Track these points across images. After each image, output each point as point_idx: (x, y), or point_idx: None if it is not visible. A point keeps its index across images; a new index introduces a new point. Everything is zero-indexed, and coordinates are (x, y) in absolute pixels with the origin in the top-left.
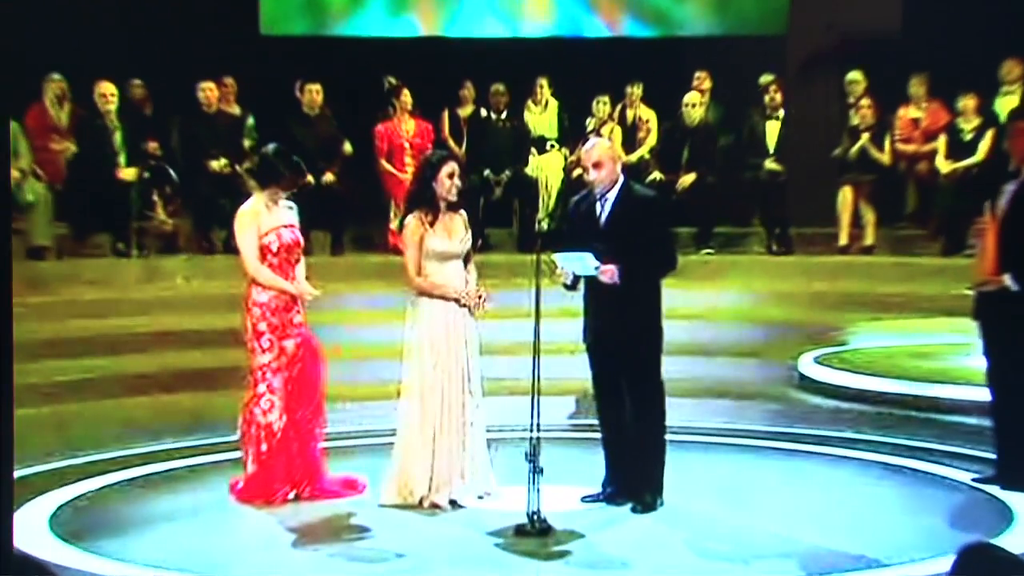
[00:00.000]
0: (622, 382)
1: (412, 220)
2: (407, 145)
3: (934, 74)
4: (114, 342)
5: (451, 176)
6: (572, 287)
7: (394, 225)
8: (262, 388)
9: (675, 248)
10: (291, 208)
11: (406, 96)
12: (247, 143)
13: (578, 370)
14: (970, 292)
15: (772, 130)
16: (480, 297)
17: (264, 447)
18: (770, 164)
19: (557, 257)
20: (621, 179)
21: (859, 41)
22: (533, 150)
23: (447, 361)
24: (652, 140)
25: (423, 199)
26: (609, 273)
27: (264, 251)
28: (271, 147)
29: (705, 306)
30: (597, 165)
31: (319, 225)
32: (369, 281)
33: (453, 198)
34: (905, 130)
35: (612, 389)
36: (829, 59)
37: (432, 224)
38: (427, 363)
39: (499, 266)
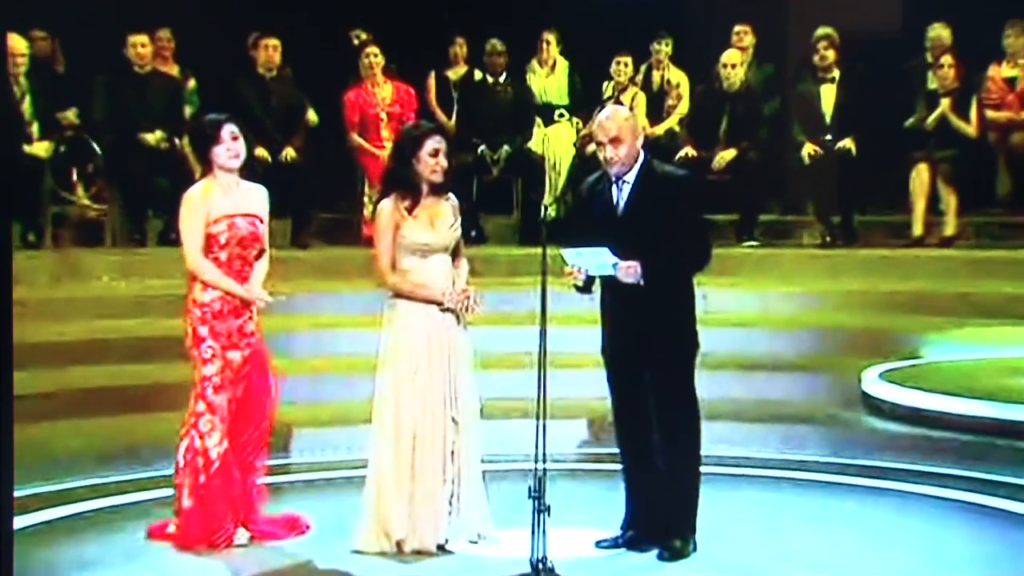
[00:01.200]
0: (648, 402)
1: (387, 204)
2: (383, 115)
3: None
4: (18, 354)
5: (435, 153)
6: (586, 289)
7: (368, 212)
8: (201, 407)
9: (709, 239)
10: (259, 192)
11: (378, 55)
12: (188, 111)
13: (593, 388)
14: None
15: (828, 95)
16: (468, 298)
17: (202, 477)
18: (827, 138)
19: (567, 253)
20: (643, 157)
21: None
22: (538, 121)
23: (427, 377)
24: (683, 108)
25: (401, 180)
26: (630, 270)
27: (211, 242)
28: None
29: (748, 310)
30: (615, 140)
31: (278, 212)
32: (337, 280)
33: (438, 179)
34: (997, 93)
35: (635, 411)
36: (900, 7)
37: (411, 210)
38: (403, 380)
39: (496, 262)
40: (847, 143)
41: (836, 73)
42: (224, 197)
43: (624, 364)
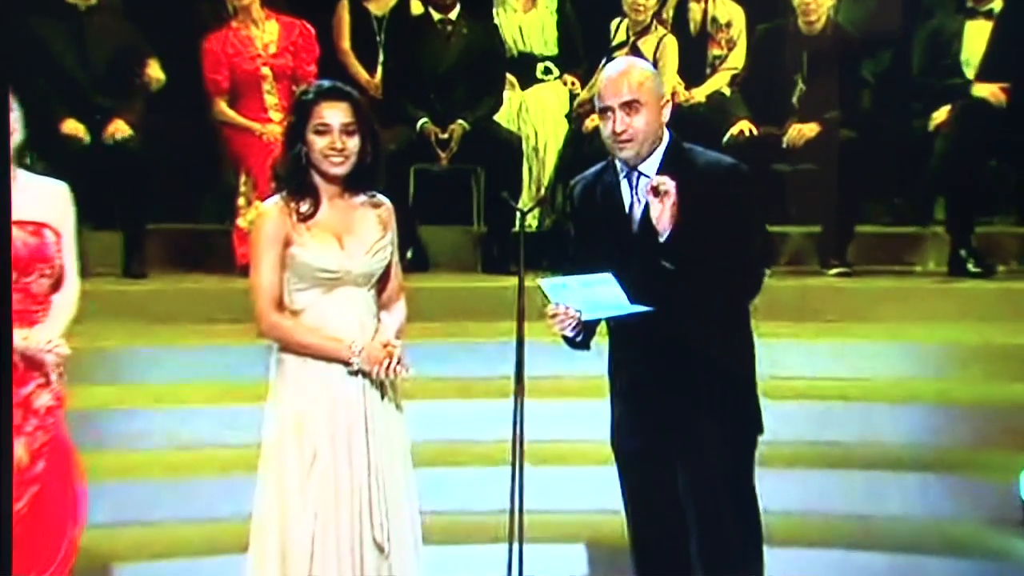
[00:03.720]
0: (682, 519)
1: (271, 209)
2: (266, 71)
3: None
4: None
5: (325, 129)
6: (582, 342)
7: (245, 222)
8: None
9: (764, 258)
10: (46, 189)
11: None
12: None
13: (595, 495)
14: None
15: (976, 35)
16: (392, 356)
17: None
18: (978, 92)
19: (548, 284)
20: (668, 138)
21: None
22: (511, 81)
23: (333, 479)
24: (737, 61)
25: (290, 173)
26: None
27: None
28: None
29: (835, 373)
30: (630, 106)
31: (101, 221)
32: (193, 326)
33: (335, 170)
34: None
35: (663, 532)
36: None
37: (308, 218)
38: (293, 484)
39: (446, 299)
40: (996, 100)
41: (996, 4)
42: None
43: (646, 460)
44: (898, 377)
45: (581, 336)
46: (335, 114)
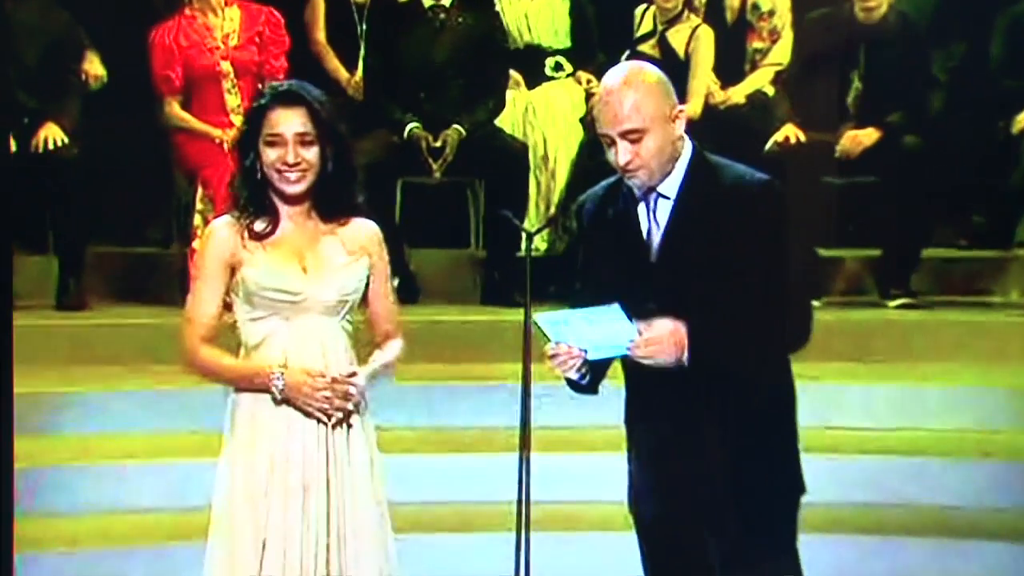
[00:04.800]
0: None
1: (220, 225)
2: (226, 67)
3: None
4: None
5: (276, 140)
6: (588, 385)
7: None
8: None
9: (811, 290)
10: None
11: None
12: None
13: (613, 566)
14: None
15: None
16: (342, 388)
17: None
18: None
19: (545, 320)
20: (690, 150)
21: None
22: (515, 79)
23: (297, 549)
24: (782, 55)
25: (242, 189)
26: (662, 346)
27: None
28: None
29: (901, 422)
30: (632, 135)
31: (30, 241)
32: (141, 365)
33: (292, 188)
34: None
35: None
36: None
37: (263, 236)
38: (242, 561)
39: (440, 336)
40: None
41: None
42: None
43: (670, 527)
44: (971, 428)
45: (587, 379)
46: (289, 122)
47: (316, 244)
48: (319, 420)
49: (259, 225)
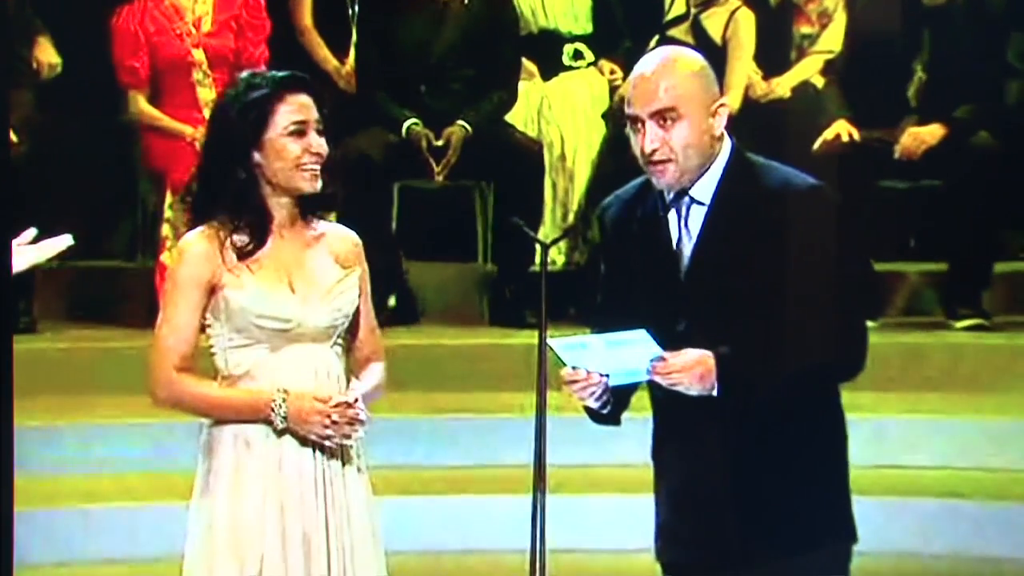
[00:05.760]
0: None
1: (197, 239)
2: (199, 55)
3: None
4: None
5: (301, 129)
6: (609, 415)
7: (169, 257)
8: None
9: (866, 310)
10: None
11: None
12: None
13: None
14: None
15: None
16: (351, 413)
17: None
18: None
19: (560, 345)
20: (729, 149)
21: None
22: (528, 68)
23: None
24: (832, 42)
25: (230, 192)
26: (685, 375)
27: None
28: None
29: (969, 460)
30: (663, 116)
31: None
32: (102, 395)
33: (311, 186)
34: None
35: None
36: None
37: (250, 252)
38: None
39: (442, 359)
40: None
41: None
42: None
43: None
44: None
45: (609, 407)
46: (309, 109)
47: (303, 258)
48: (319, 448)
49: (244, 238)
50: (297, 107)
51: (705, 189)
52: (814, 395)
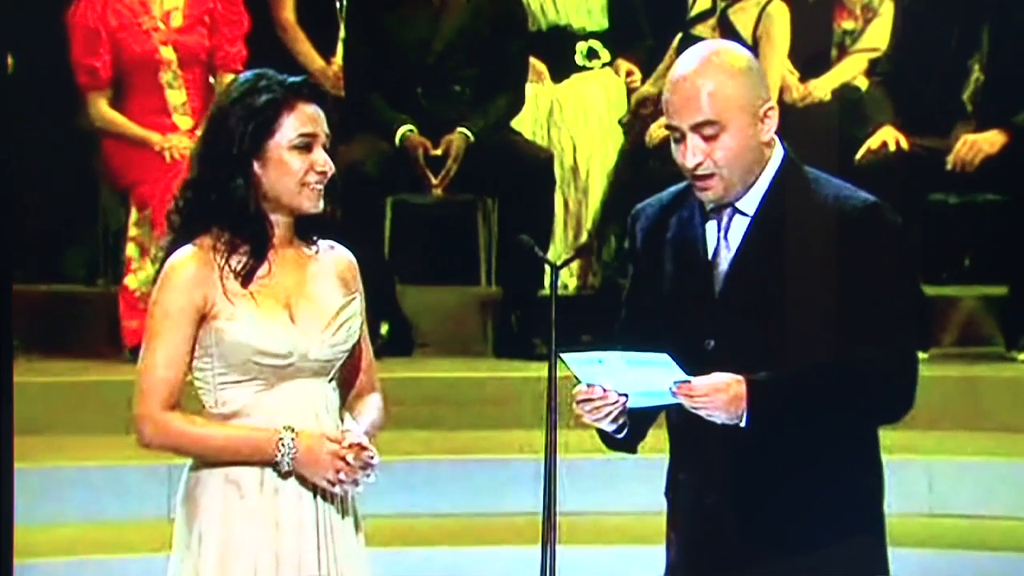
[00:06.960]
0: None
1: (186, 261)
2: (170, 52)
3: None
4: None
5: (309, 143)
6: (625, 440)
7: (138, 280)
8: None
9: (913, 346)
10: None
11: None
12: None
13: None
14: None
15: None
16: (365, 456)
17: None
18: None
19: (574, 361)
20: (781, 157)
21: None
22: (537, 69)
23: None
24: (878, 39)
25: (229, 203)
26: (716, 396)
27: None
28: None
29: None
30: (705, 128)
31: None
32: (61, 435)
33: (315, 205)
34: None
35: None
36: None
37: (248, 276)
38: None
39: (440, 393)
40: None
41: None
42: None
43: None
44: None
45: (625, 432)
46: (319, 121)
47: (304, 282)
48: (320, 496)
49: (241, 260)
50: (307, 118)
51: (751, 200)
52: (851, 432)
